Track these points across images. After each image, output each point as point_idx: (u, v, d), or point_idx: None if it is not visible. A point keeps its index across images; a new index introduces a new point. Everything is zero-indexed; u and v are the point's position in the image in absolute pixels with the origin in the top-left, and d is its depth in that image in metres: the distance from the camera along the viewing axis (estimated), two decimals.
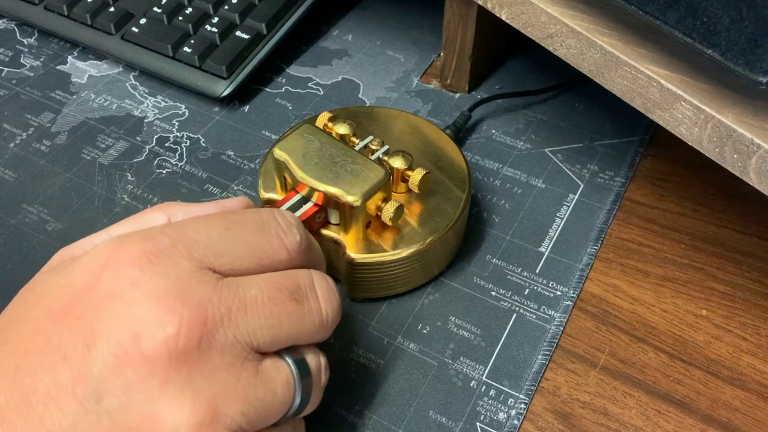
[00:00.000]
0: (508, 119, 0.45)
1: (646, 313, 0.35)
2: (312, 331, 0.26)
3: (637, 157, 0.43)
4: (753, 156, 0.27)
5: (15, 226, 0.39)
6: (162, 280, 0.23)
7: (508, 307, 0.36)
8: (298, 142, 0.33)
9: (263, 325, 0.24)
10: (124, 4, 0.49)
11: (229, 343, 0.23)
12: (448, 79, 0.47)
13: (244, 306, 0.24)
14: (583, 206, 0.40)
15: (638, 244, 0.38)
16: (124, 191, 0.41)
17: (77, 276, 0.24)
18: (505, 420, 0.32)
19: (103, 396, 0.22)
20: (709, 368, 0.33)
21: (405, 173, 0.35)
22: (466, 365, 0.33)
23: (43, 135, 0.44)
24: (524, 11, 0.34)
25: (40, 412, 0.21)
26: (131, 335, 0.22)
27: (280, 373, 0.25)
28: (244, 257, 0.25)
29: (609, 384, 0.33)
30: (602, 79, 0.32)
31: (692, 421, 0.32)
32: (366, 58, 0.50)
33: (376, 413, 0.32)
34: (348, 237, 0.33)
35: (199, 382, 0.22)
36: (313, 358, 0.26)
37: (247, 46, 0.46)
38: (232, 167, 0.42)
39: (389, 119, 0.40)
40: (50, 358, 0.22)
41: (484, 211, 0.40)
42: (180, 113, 0.46)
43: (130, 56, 0.47)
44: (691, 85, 0.29)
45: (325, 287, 0.27)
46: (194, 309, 0.22)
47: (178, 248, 0.24)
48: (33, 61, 0.49)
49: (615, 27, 0.32)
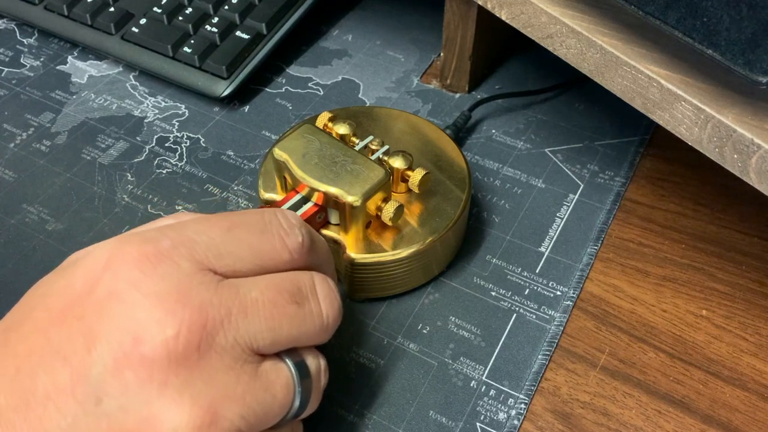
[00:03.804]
0: (508, 119, 0.45)
1: (646, 313, 0.35)
2: (312, 333, 0.26)
3: (637, 157, 0.43)
4: (753, 156, 0.27)
5: (15, 226, 0.39)
6: (162, 282, 0.23)
7: (508, 307, 0.36)
8: (298, 142, 0.33)
9: (263, 328, 0.24)
10: (124, 4, 0.49)
11: (229, 345, 0.23)
12: (448, 79, 0.47)
13: (244, 308, 0.24)
14: (583, 206, 0.40)
15: (638, 244, 0.38)
16: (124, 191, 0.41)
17: (78, 277, 0.24)
18: (505, 420, 0.32)
19: (102, 398, 0.21)
20: (709, 368, 0.33)
21: (405, 173, 0.35)
22: (466, 365, 0.33)
23: (43, 135, 0.44)
24: (524, 11, 0.34)
25: (39, 412, 0.21)
26: (131, 337, 0.22)
27: (280, 375, 0.24)
28: (245, 258, 0.25)
29: (609, 384, 0.33)
30: (602, 79, 0.32)
31: (692, 421, 0.32)
32: (366, 58, 0.50)
33: (376, 413, 0.32)
34: (348, 237, 0.33)
35: (199, 385, 0.22)
36: (312, 361, 0.26)
37: (247, 46, 0.46)
38: (232, 167, 0.42)
39: (389, 119, 0.40)
40: (50, 359, 0.22)
41: (484, 211, 0.40)
42: (180, 113, 0.46)
43: (130, 56, 0.47)
44: (691, 85, 0.29)
45: (327, 290, 0.27)
46: (194, 311, 0.22)
47: (179, 249, 0.24)
48: (33, 61, 0.49)
49: (615, 27, 0.32)
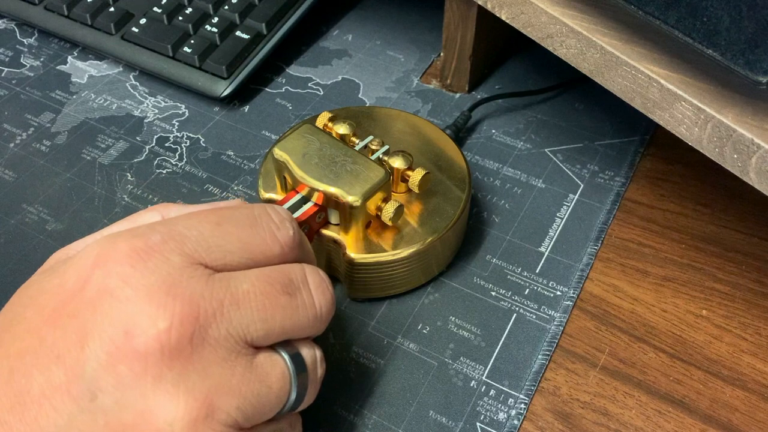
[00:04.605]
0: (508, 119, 0.45)
1: (646, 313, 0.35)
2: (306, 324, 0.26)
3: (637, 157, 0.43)
4: (753, 156, 0.27)
5: (15, 226, 0.39)
6: (153, 276, 0.23)
7: (508, 307, 0.36)
8: (298, 142, 0.33)
9: (256, 319, 0.24)
10: (124, 4, 0.49)
11: (222, 337, 0.23)
12: (448, 79, 0.47)
13: (236, 300, 0.24)
14: (583, 206, 0.40)
15: (638, 244, 0.38)
16: (124, 191, 0.41)
17: (69, 275, 0.24)
18: (505, 420, 0.32)
19: (98, 394, 0.22)
20: (709, 368, 0.33)
21: (405, 173, 0.35)
22: (466, 365, 0.33)
23: (43, 135, 0.44)
24: (524, 11, 0.34)
25: (35, 412, 0.21)
26: (123, 332, 0.22)
27: (275, 367, 0.24)
28: (235, 252, 0.25)
29: (609, 384, 0.33)
30: (602, 79, 0.32)
31: (692, 421, 0.32)
32: (366, 58, 0.50)
33: (376, 413, 0.32)
34: (348, 237, 0.33)
35: (193, 378, 0.22)
36: (308, 352, 0.26)
37: (247, 46, 0.46)
38: (232, 167, 0.42)
39: (389, 119, 0.40)
40: (44, 358, 0.22)
41: (484, 211, 0.40)
42: (180, 113, 0.46)
43: (130, 56, 0.47)
44: (691, 85, 0.29)
45: (318, 280, 0.27)
46: (186, 304, 0.22)
47: (169, 244, 0.24)
48: (33, 61, 0.49)
49: (615, 27, 0.32)
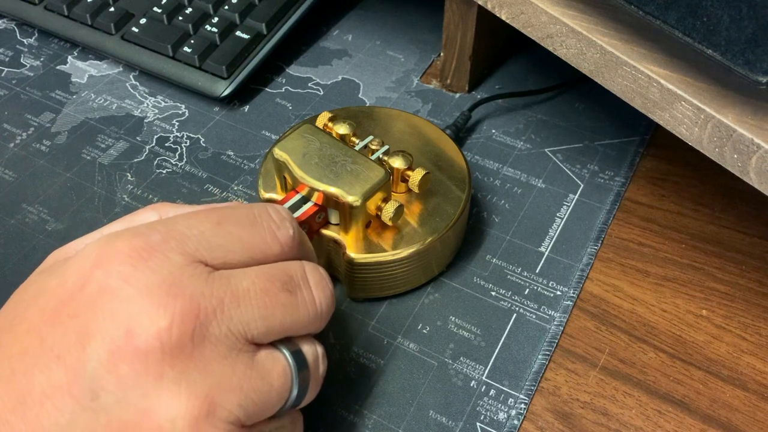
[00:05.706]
0: (508, 119, 0.45)
1: (646, 313, 0.35)
2: (306, 321, 0.26)
3: (637, 157, 0.43)
4: (753, 156, 0.27)
5: (15, 226, 0.39)
6: (153, 275, 0.23)
7: (508, 307, 0.36)
8: (298, 142, 0.33)
9: (257, 317, 0.24)
10: (124, 4, 0.49)
11: (222, 335, 0.23)
12: (448, 79, 0.47)
13: (236, 298, 0.24)
14: (583, 206, 0.40)
15: (638, 244, 0.38)
16: (124, 191, 0.41)
17: (69, 275, 0.24)
18: (505, 420, 0.32)
19: (99, 393, 0.22)
20: (709, 368, 0.33)
21: (405, 173, 0.35)
22: (466, 365, 0.33)
23: (43, 135, 0.44)
24: (524, 11, 0.34)
25: (37, 411, 0.21)
26: (124, 331, 0.22)
27: (277, 364, 0.24)
28: (236, 251, 0.25)
29: (609, 384, 0.33)
30: (602, 79, 0.32)
31: (692, 421, 0.32)
32: (366, 58, 0.50)
33: (376, 413, 0.32)
34: (348, 237, 0.33)
35: (194, 375, 0.22)
36: (309, 349, 0.26)
37: (247, 46, 0.46)
38: (232, 167, 0.42)
39: (389, 119, 0.40)
40: (45, 358, 0.22)
41: (484, 211, 0.40)
42: (180, 113, 0.46)
43: (130, 56, 0.47)
44: (691, 85, 0.29)
45: (318, 277, 0.27)
46: (186, 302, 0.22)
47: (169, 243, 0.24)
48: (33, 61, 0.49)
49: (615, 27, 0.32)
